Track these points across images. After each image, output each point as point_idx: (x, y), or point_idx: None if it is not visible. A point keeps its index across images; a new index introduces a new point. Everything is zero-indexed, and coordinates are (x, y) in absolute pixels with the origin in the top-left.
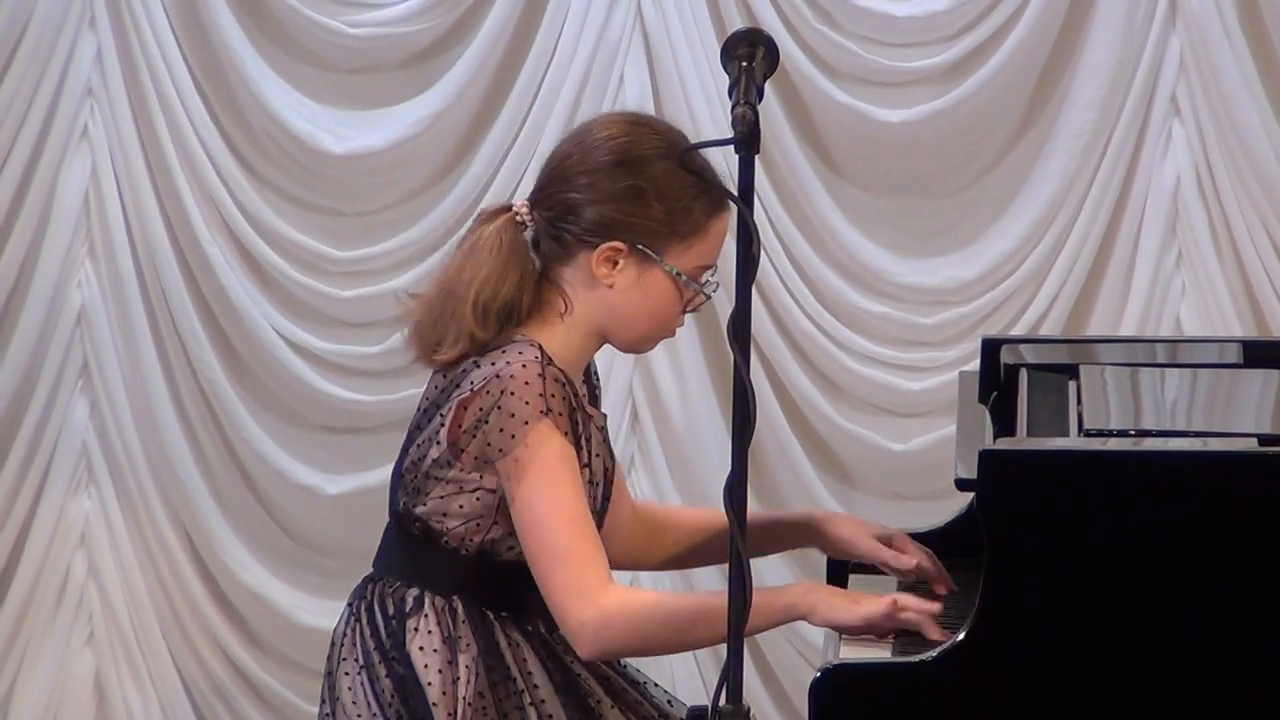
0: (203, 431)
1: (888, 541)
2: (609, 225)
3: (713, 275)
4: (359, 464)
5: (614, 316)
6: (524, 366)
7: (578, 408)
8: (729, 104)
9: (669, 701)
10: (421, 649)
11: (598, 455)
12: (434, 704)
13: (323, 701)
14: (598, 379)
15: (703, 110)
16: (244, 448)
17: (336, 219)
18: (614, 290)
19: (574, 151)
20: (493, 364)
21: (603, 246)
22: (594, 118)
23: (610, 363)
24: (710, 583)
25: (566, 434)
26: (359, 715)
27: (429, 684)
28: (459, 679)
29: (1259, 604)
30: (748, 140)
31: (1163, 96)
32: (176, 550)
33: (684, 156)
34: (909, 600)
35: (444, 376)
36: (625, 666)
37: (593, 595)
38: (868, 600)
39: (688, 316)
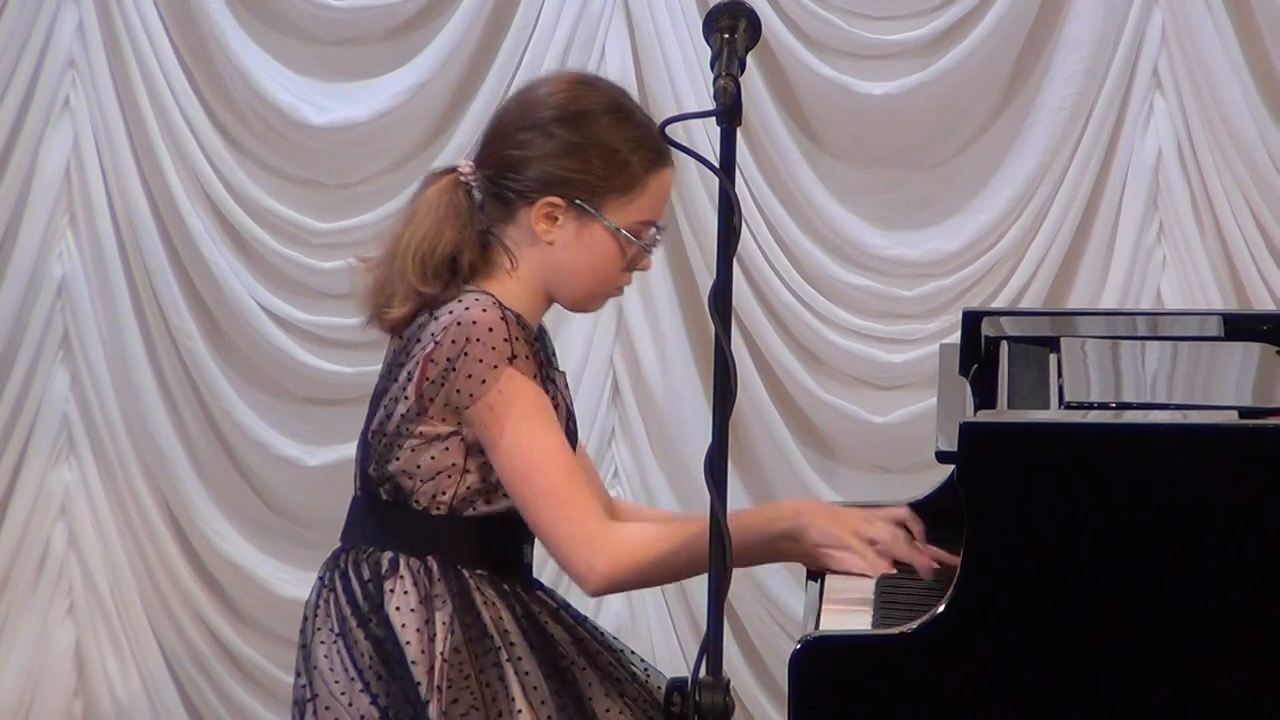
0: (183, 403)
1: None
2: (548, 181)
3: (658, 233)
4: (340, 435)
5: (556, 273)
6: (484, 311)
7: (541, 355)
8: (711, 76)
9: (646, 671)
10: (399, 609)
11: (558, 406)
12: (413, 662)
13: (298, 674)
14: (551, 345)
15: (684, 82)
16: (225, 419)
17: (318, 191)
18: (555, 247)
19: (515, 109)
20: (450, 313)
21: (541, 202)
22: (536, 77)
23: (591, 335)
24: None
25: (535, 377)
26: (337, 681)
27: (407, 643)
28: (435, 636)
29: (1240, 576)
30: (729, 112)
31: (1144, 70)
32: (157, 522)
33: (662, 129)
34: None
35: (400, 337)
36: (603, 633)
37: (596, 535)
38: (860, 524)
39: (669, 289)
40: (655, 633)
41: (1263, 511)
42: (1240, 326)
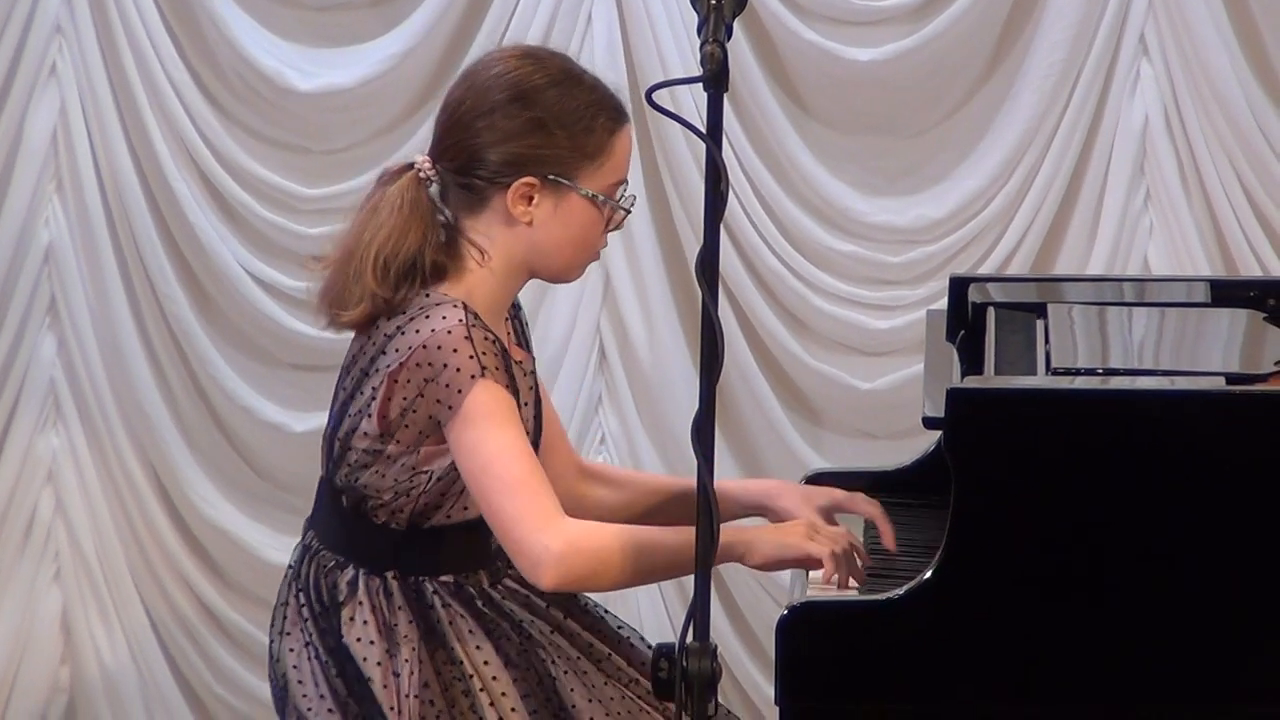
0: (170, 368)
1: (835, 509)
2: (516, 162)
3: (625, 189)
4: (326, 401)
5: (538, 251)
6: (449, 332)
7: (508, 360)
8: (697, 42)
9: (630, 639)
10: (359, 640)
11: (526, 404)
12: (377, 697)
13: (273, 662)
14: (525, 320)
15: (671, 48)
16: (211, 384)
17: (305, 156)
18: (534, 226)
19: (466, 96)
20: (417, 331)
21: (516, 184)
22: (478, 58)
23: (578, 302)
24: None
25: (507, 386)
26: (305, 695)
27: (370, 678)
28: (400, 674)
29: (1225, 540)
30: (716, 78)
31: (1131, 36)
32: (143, 487)
33: (648, 96)
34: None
35: (369, 339)
36: (580, 602)
37: (554, 521)
38: (800, 535)
39: (656, 256)
40: (643, 600)
41: (1249, 477)
42: (1226, 292)
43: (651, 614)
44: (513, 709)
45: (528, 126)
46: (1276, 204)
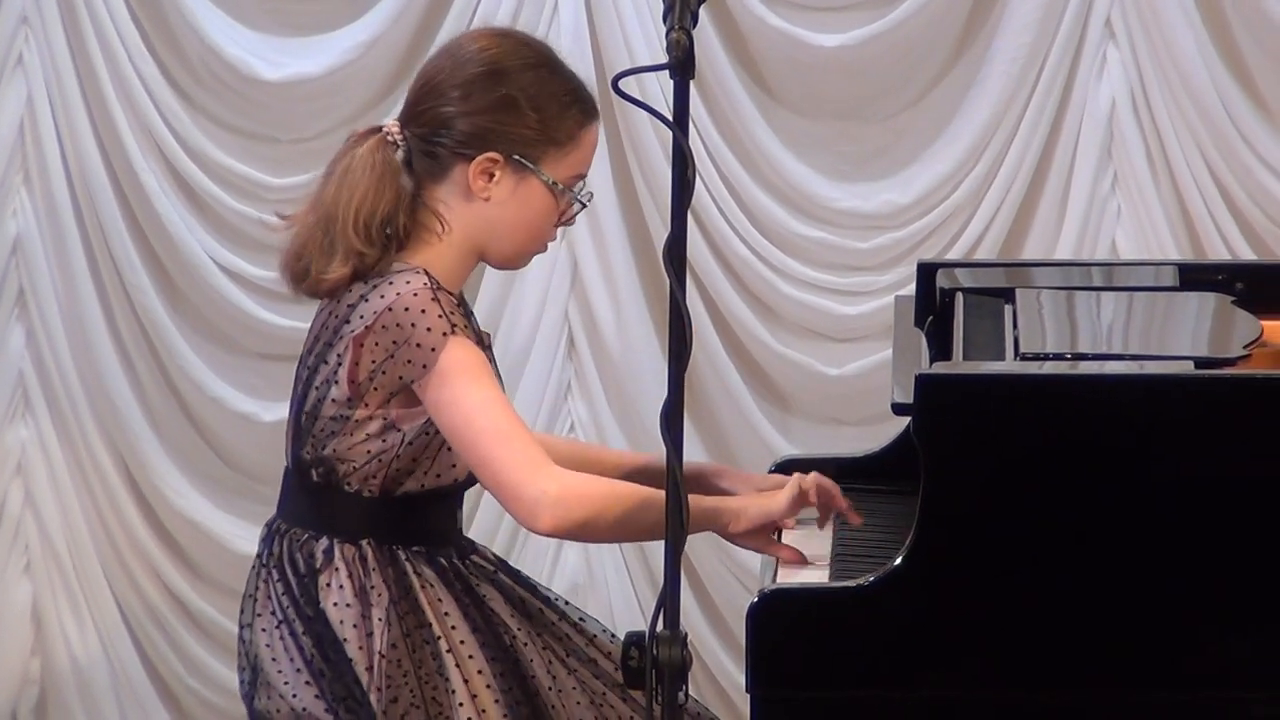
0: (139, 359)
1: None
2: (483, 136)
3: (584, 185)
4: None
5: (491, 230)
6: (415, 295)
7: (474, 323)
8: (664, 30)
9: (595, 634)
10: (335, 604)
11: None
12: (351, 659)
13: (241, 654)
14: (470, 310)
15: (637, 35)
16: (180, 375)
17: (272, 146)
18: (491, 203)
19: (445, 65)
20: (381, 296)
21: (479, 158)
22: (461, 33)
23: (546, 289)
24: None
25: (476, 343)
26: (280, 672)
27: (345, 639)
28: (372, 632)
29: (1195, 524)
30: (682, 65)
31: (1097, 20)
32: (113, 478)
33: (615, 83)
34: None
35: (331, 313)
36: (537, 585)
37: (548, 466)
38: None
39: (624, 242)
40: (613, 587)
41: (1217, 461)
42: (1195, 276)
43: (622, 601)
44: (479, 671)
45: (500, 103)
46: (1243, 187)
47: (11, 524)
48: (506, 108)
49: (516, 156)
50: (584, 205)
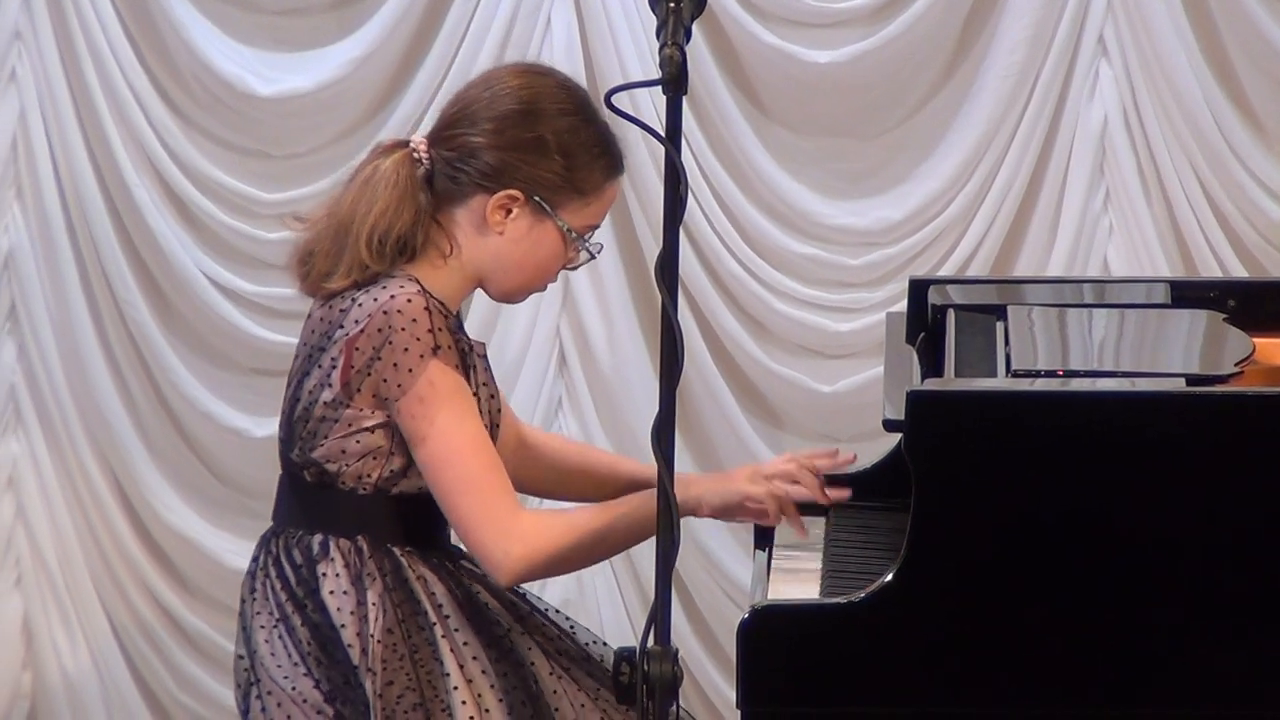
0: (130, 375)
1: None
2: (508, 173)
3: (592, 236)
4: None
5: (498, 264)
6: (408, 301)
7: (461, 339)
8: (656, 45)
9: (588, 643)
10: (332, 592)
11: (484, 385)
12: (349, 645)
13: (239, 656)
14: (460, 321)
15: (630, 52)
16: (172, 391)
17: (265, 161)
18: (503, 238)
19: (482, 96)
20: (375, 300)
21: (500, 194)
22: (503, 65)
23: (538, 305)
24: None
25: (457, 367)
26: (279, 666)
27: (343, 625)
28: (366, 617)
29: (1187, 541)
30: (675, 81)
31: (1090, 37)
32: (104, 493)
33: (608, 99)
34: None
35: (322, 318)
36: (530, 596)
37: (511, 525)
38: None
39: (616, 258)
40: (603, 603)
41: (1210, 478)
42: (1187, 293)
43: (612, 616)
44: (474, 658)
45: (531, 144)
46: (1236, 204)
47: (2, 538)
48: (536, 149)
49: (537, 198)
50: (593, 256)
